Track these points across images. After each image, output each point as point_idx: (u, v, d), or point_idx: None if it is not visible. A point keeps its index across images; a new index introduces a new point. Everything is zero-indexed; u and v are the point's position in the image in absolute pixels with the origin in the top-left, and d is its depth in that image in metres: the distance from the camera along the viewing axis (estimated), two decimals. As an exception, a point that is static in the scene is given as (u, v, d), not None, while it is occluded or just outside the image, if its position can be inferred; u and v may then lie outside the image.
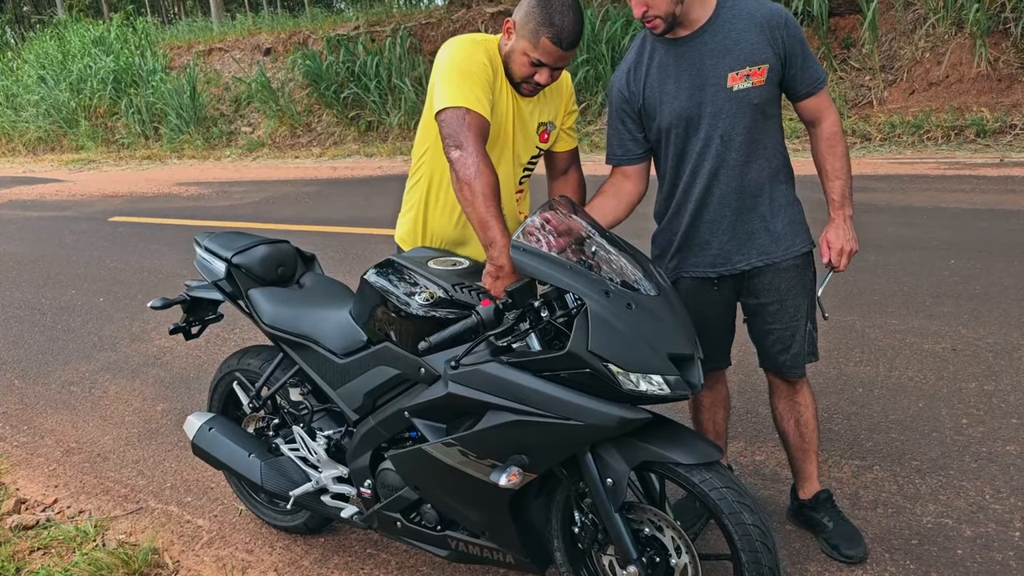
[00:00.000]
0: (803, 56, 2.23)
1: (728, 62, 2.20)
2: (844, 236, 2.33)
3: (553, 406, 1.88)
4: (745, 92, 2.21)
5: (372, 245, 6.69)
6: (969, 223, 5.52)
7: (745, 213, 2.33)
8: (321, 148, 13.15)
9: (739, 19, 2.21)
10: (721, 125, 2.24)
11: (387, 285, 2.25)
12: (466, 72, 2.13)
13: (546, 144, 2.46)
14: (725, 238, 2.35)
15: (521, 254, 1.90)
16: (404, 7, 16.94)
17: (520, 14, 2.19)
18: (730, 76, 2.20)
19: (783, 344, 2.44)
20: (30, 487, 3.53)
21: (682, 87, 2.24)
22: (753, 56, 2.19)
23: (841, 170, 2.33)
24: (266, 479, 2.68)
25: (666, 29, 2.19)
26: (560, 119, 2.47)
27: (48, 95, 17.15)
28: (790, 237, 2.35)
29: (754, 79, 2.20)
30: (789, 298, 2.38)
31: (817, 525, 2.61)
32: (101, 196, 11.06)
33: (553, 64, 2.19)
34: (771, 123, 2.30)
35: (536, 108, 2.38)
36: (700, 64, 2.22)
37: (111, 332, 5.34)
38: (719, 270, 2.39)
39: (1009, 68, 8.52)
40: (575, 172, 2.58)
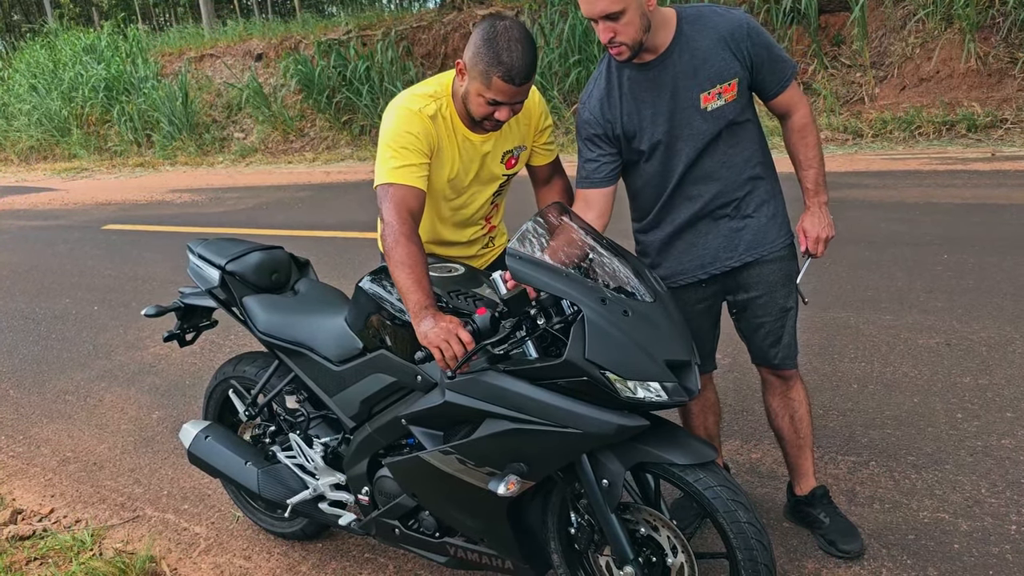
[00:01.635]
0: (770, 59, 2.23)
1: (698, 82, 2.20)
2: (820, 223, 2.35)
3: (551, 414, 1.88)
4: (719, 110, 2.22)
5: (366, 250, 6.68)
6: (961, 218, 5.54)
7: (730, 214, 2.35)
8: (314, 153, 13.14)
9: (702, 36, 2.19)
10: (696, 141, 2.26)
11: (382, 292, 2.24)
12: (397, 147, 2.19)
13: (513, 169, 2.45)
14: (711, 239, 2.37)
15: (516, 262, 1.90)
16: (395, 11, 16.94)
17: (469, 54, 2.14)
18: (703, 97, 2.21)
19: (774, 336, 2.45)
20: (26, 497, 3.52)
21: (660, 112, 2.24)
22: (722, 73, 2.19)
23: (814, 159, 2.35)
24: (263, 487, 2.67)
25: (631, 56, 2.16)
26: (531, 140, 2.45)
27: (40, 104, 17.11)
28: (774, 230, 2.37)
29: (726, 96, 2.21)
30: (777, 289, 2.40)
31: (814, 521, 2.61)
32: (94, 204, 11.04)
33: (510, 101, 2.14)
34: (748, 125, 2.32)
35: (499, 139, 2.35)
36: (673, 87, 2.22)
37: (106, 340, 5.33)
38: (708, 270, 2.40)
39: (999, 63, 8.54)
40: (559, 180, 2.57)
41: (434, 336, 1.89)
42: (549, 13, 11.42)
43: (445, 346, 1.87)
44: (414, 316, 1.97)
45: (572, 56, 10.75)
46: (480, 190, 2.42)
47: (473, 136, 2.30)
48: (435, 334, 1.89)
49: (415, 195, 2.17)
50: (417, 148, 2.19)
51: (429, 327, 1.91)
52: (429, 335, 1.90)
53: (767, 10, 9.97)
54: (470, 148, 2.32)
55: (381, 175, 2.20)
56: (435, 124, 2.24)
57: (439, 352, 1.89)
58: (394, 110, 2.25)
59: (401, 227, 2.10)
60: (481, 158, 2.35)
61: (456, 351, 1.87)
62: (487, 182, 2.41)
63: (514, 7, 12.28)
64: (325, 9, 21.64)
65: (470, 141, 2.31)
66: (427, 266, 2.07)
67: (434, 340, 1.89)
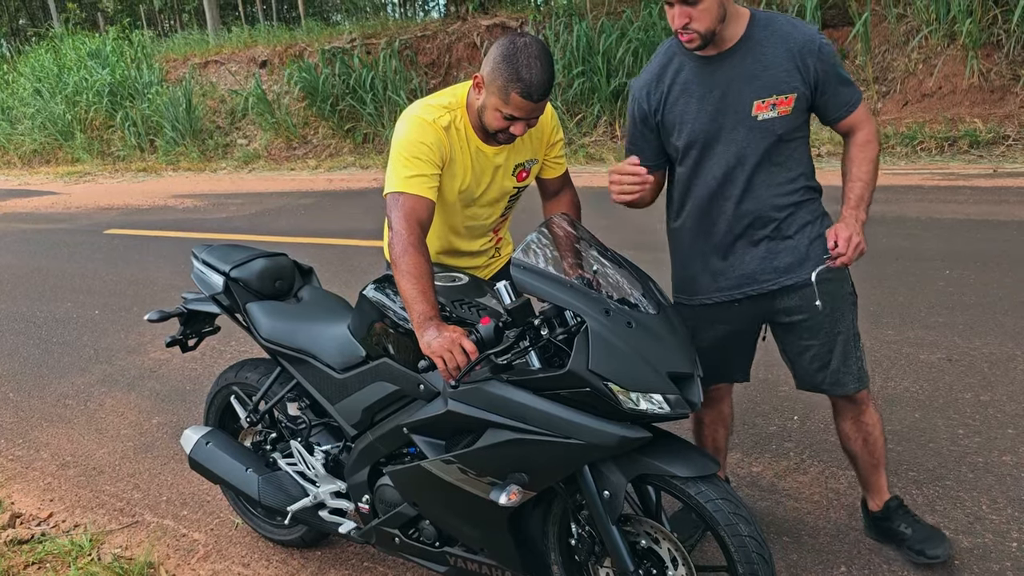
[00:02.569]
0: (836, 82, 2.14)
1: (755, 89, 2.11)
2: (853, 230, 2.09)
3: (553, 425, 1.88)
4: (769, 122, 2.14)
5: (368, 257, 6.69)
6: (963, 234, 5.55)
7: (769, 235, 2.25)
8: (317, 160, 13.16)
9: (771, 42, 2.11)
10: (740, 151, 2.17)
11: (385, 301, 2.25)
12: (409, 156, 2.20)
13: (524, 182, 2.46)
14: (748, 259, 2.28)
15: (521, 272, 1.90)
16: (399, 20, 17.00)
17: (487, 69, 2.14)
18: (756, 104, 2.13)
19: (821, 361, 2.34)
20: (25, 501, 3.51)
21: (705, 108, 2.16)
22: (781, 84, 2.10)
23: (865, 174, 2.20)
24: (264, 494, 2.67)
25: (701, 45, 2.09)
26: (543, 153, 2.46)
27: (44, 108, 17.14)
28: (817, 253, 2.25)
29: (780, 108, 2.12)
30: (821, 311, 2.29)
31: (896, 535, 2.54)
32: (96, 208, 11.05)
33: (526, 117, 2.15)
34: (798, 143, 2.23)
35: (511, 152, 2.36)
36: (726, 87, 2.14)
37: (107, 345, 5.33)
38: (745, 291, 2.31)
39: (1001, 80, 8.57)
40: (567, 192, 2.58)
41: (437, 346, 1.90)
42: (554, 24, 11.46)
43: (448, 356, 1.88)
44: (418, 326, 1.98)
45: (576, 67, 10.79)
46: (492, 202, 2.43)
47: (486, 148, 2.31)
48: (439, 344, 1.90)
49: (425, 205, 2.19)
50: (429, 158, 2.20)
51: (433, 337, 1.92)
52: (433, 345, 1.91)
53: (771, 24, 10.00)
54: (483, 160, 2.32)
55: (392, 183, 2.21)
56: (448, 135, 2.25)
57: (442, 362, 1.89)
58: (407, 120, 2.25)
59: (409, 236, 2.11)
60: (493, 170, 2.35)
61: (459, 361, 1.88)
62: (499, 194, 2.42)
63: (519, 17, 12.33)
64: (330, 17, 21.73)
65: (483, 153, 2.32)
66: (433, 277, 2.08)
67: (437, 350, 1.90)
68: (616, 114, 10.60)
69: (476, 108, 2.23)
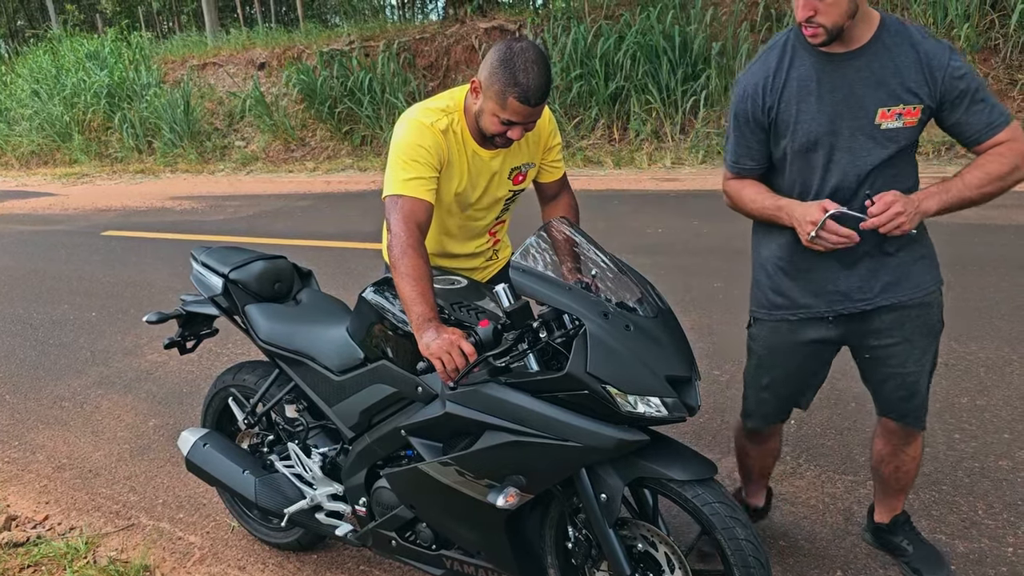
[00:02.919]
0: (970, 99, 1.96)
1: (881, 95, 1.97)
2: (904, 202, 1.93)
3: (551, 427, 1.88)
4: (894, 132, 2.00)
5: (366, 260, 6.69)
6: (960, 238, 5.55)
7: (869, 251, 2.10)
8: (315, 162, 13.16)
9: (902, 49, 1.96)
10: (859, 160, 2.02)
11: (384, 303, 2.25)
12: (408, 159, 2.21)
13: (520, 185, 2.46)
14: (846, 275, 2.14)
15: (520, 275, 1.91)
16: (398, 22, 17.01)
17: (484, 74, 2.14)
18: (880, 112, 1.98)
19: (907, 391, 2.23)
20: (21, 503, 3.51)
21: (823, 109, 2.02)
22: (909, 95, 1.96)
23: (970, 177, 2.00)
24: (260, 496, 2.67)
25: (826, 41, 1.95)
26: (540, 157, 2.46)
27: (42, 109, 17.12)
28: (919, 274, 2.14)
29: (907, 119, 1.98)
30: (916, 338, 2.16)
31: (896, 549, 2.53)
32: (94, 210, 11.04)
33: (523, 121, 2.15)
34: (907, 154, 2.08)
35: (507, 156, 2.37)
36: (849, 89, 2.00)
37: (103, 347, 5.32)
38: (837, 309, 2.17)
39: (999, 84, 8.58)
40: (566, 196, 2.58)
41: (436, 348, 1.90)
42: (552, 27, 11.47)
43: (447, 358, 1.88)
44: (417, 328, 1.98)
45: (574, 70, 10.79)
46: (488, 206, 2.44)
47: (483, 152, 2.32)
48: (437, 346, 1.90)
49: (423, 208, 2.20)
50: (427, 161, 2.21)
51: (432, 339, 1.92)
52: (432, 347, 1.91)
53: (768, 28, 10.02)
54: (479, 163, 2.33)
55: (391, 186, 2.22)
56: (446, 138, 2.25)
57: (440, 364, 1.89)
58: (406, 123, 2.26)
59: (408, 239, 2.12)
60: (490, 174, 2.36)
61: (458, 363, 1.88)
62: (495, 198, 2.43)
63: (517, 20, 12.34)
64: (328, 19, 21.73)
65: (480, 157, 2.32)
66: (432, 279, 2.08)
67: (436, 352, 1.89)
68: (614, 117, 10.60)
69: (473, 112, 2.23)
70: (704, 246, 6.04)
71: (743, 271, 2.81)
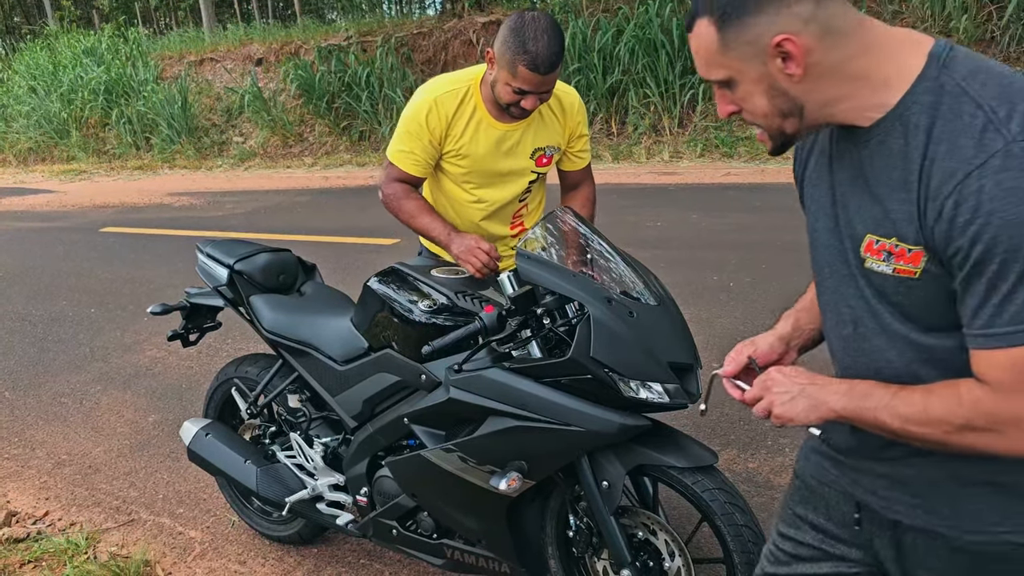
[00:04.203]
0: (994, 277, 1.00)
1: (873, 213, 1.14)
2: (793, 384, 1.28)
3: (554, 412, 1.89)
4: (881, 280, 1.16)
5: (365, 255, 6.68)
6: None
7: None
8: (313, 158, 13.15)
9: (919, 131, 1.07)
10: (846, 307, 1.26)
11: (390, 292, 2.26)
12: (405, 131, 2.41)
13: (545, 168, 2.49)
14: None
15: (525, 261, 1.93)
16: (395, 17, 16.99)
17: (497, 44, 2.19)
18: (867, 240, 1.16)
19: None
20: (21, 500, 3.50)
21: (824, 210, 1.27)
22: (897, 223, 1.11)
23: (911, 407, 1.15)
24: (262, 485, 2.68)
25: (775, 149, 1.23)
26: (565, 143, 2.49)
27: (39, 106, 17.09)
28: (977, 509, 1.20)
29: (897, 263, 1.12)
30: None
31: None
32: (92, 206, 11.03)
33: (535, 90, 2.19)
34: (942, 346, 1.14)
35: (530, 135, 2.40)
36: (851, 186, 1.20)
37: (102, 343, 5.32)
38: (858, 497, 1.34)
39: (997, 76, 8.59)
40: (587, 187, 2.62)
41: (460, 252, 2.26)
42: (549, 21, 11.46)
43: (473, 259, 2.22)
44: (446, 243, 2.32)
45: (572, 64, 10.78)
46: (505, 182, 2.47)
47: (499, 125, 2.37)
48: (460, 251, 2.26)
49: (409, 178, 2.47)
50: (419, 136, 2.38)
51: (457, 247, 2.28)
52: (460, 254, 2.26)
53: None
54: (492, 134, 2.38)
55: (389, 150, 2.48)
56: (457, 111, 2.35)
57: (470, 265, 2.23)
58: (418, 94, 2.40)
59: (399, 190, 2.45)
60: (506, 146, 2.40)
61: (481, 259, 2.22)
62: (513, 175, 2.46)
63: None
64: (326, 15, 21.70)
65: (495, 129, 2.37)
66: (432, 208, 2.45)
67: (462, 256, 2.25)
68: (612, 111, 10.59)
69: (490, 83, 2.28)
70: (703, 240, 6.04)
71: (741, 264, 2.81)
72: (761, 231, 5.90)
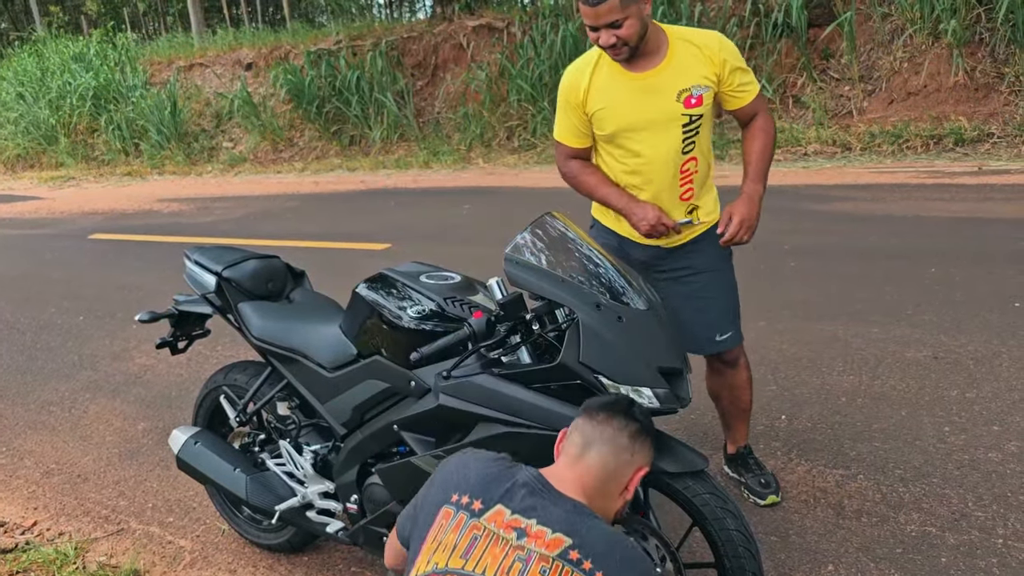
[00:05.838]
0: None
1: None
2: None
3: (543, 417, 1.89)
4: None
5: (355, 260, 6.66)
6: (949, 231, 5.58)
7: None
8: (303, 163, 13.12)
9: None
10: None
11: (378, 298, 2.25)
12: (559, 108, 2.65)
13: (695, 109, 2.48)
14: None
15: (514, 267, 1.93)
16: (385, 21, 16.97)
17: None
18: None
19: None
20: (9, 510, 3.48)
21: None
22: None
23: None
24: (251, 493, 2.66)
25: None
26: (714, 81, 2.49)
27: (27, 112, 17.01)
28: None
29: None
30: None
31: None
32: (81, 213, 10.97)
33: (596, 24, 2.31)
34: None
35: (670, 77, 2.45)
36: None
37: (91, 351, 5.29)
38: None
39: (986, 77, 8.62)
40: (757, 120, 2.61)
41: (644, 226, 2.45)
42: (540, 24, 11.46)
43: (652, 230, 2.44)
44: (626, 212, 2.50)
45: (563, 67, 10.79)
46: (656, 129, 2.49)
47: (634, 74, 2.46)
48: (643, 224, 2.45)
49: (576, 152, 2.66)
50: (567, 109, 2.59)
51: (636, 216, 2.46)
52: (640, 225, 2.45)
53: (757, 23, 10.04)
54: (631, 85, 2.47)
55: (554, 130, 2.71)
56: (593, 74, 2.52)
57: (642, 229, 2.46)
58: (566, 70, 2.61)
59: (574, 168, 2.66)
60: (649, 93, 2.46)
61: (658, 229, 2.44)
62: (663, 120, 2.48)
63: (505, 18, 12.32)
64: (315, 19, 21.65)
65: (631, 79, 2.47)
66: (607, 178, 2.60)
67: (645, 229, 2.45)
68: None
69: None
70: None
71: (738, 265, 2.81)
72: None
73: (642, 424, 1.67)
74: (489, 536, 1.51)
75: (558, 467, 1.67)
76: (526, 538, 1.49)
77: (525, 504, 1.55)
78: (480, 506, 1.56)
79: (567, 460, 1.65)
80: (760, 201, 2.50)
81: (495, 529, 1.52)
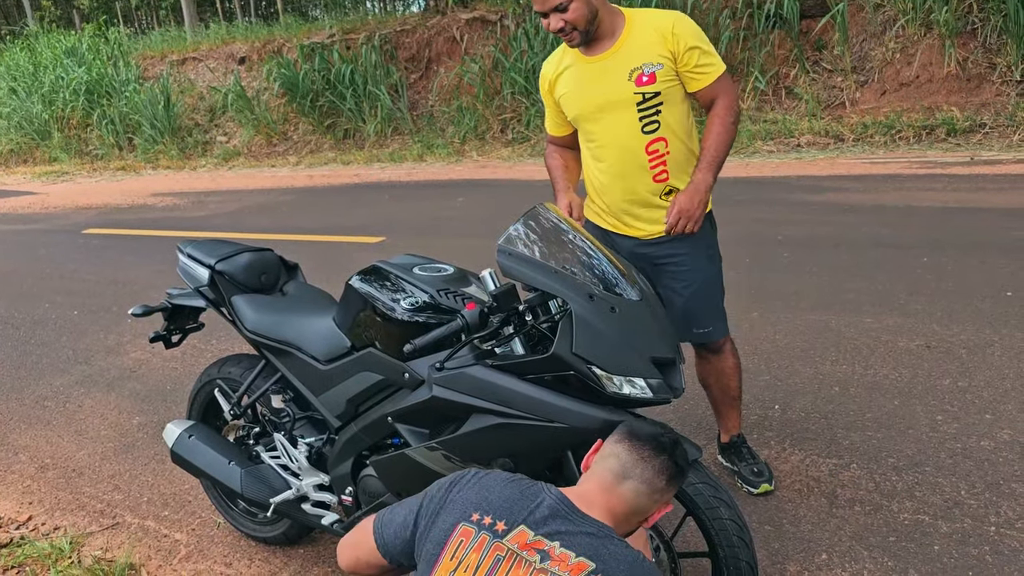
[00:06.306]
0: None
1: None
2: None
3: (537, 408, 1.89)
4: None
5: (350, 253, 6.66)
6: (941, 221, 5.59)
7: None
8: (297, 156, 13.10)
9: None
10: None
11: (372, 290, 2.25)
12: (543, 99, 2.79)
13: (650, 87, 2.46)
14: None
15: (507, 258, 1.93)
16: (379, 14, 16.92)
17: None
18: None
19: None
20: (4, 504, 3.47)
21: None
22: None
23: None
24: (246, 486, 2.66)
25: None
26: (668, 59, 2.46)
27: (20, 107, 16.96)
28: None
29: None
30: None
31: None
32: (75, 208, 10.94)
33: (544, 9, 2.39)
34: None
35: (622, 58, 2.49)
36: None
37: (85, 345, 5.28)
38: None
39: (978, 68, 8.64)
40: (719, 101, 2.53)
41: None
42: (534, 17, 11.44)
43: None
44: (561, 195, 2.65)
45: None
46: (612, 110, 2.53)
47: (589, 58, 2.53)
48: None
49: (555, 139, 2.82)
50: (545, 99, 2.74)
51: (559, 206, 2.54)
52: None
53: (750, 15, 10.03)
54: (588, 70, 2.54)
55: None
56: (560, 63, 2.63)
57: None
58: None
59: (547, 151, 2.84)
60: (602, 75, 2.50)
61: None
62: (617, 101, 2.51)
63: (498, 11, 12.30)
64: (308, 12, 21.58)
65: (587, 63, 2.54)
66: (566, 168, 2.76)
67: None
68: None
69: None
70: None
71: (726, 257, 2.82)
72: (745, 223, 5.92)
73: (681, 468, 1.65)
74: (512, 557, 1.51)
75: (588, 488, 1.64)
76: (549, 560, 1.49)
77: (549, 526, 1.55)
78: (504, 527, 1.55)
79: (600, 484, 1.62)
80: (707, 191, 2.46)
81: (518, 550, 1.52)
